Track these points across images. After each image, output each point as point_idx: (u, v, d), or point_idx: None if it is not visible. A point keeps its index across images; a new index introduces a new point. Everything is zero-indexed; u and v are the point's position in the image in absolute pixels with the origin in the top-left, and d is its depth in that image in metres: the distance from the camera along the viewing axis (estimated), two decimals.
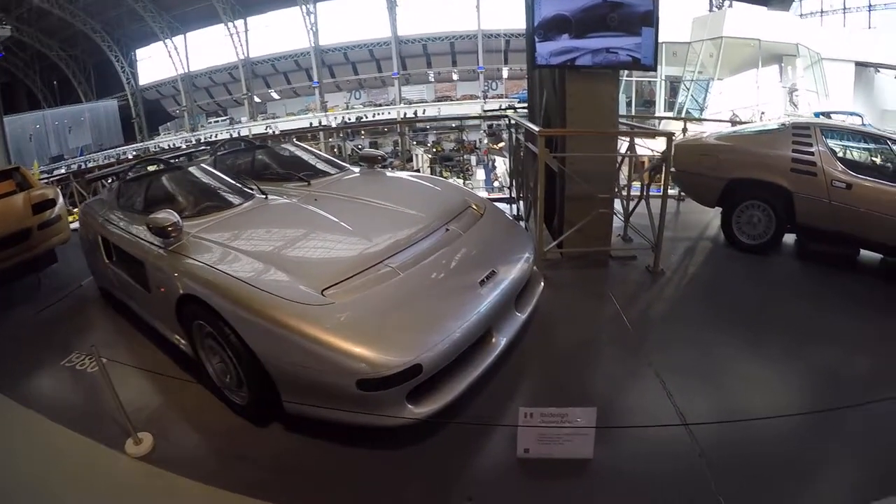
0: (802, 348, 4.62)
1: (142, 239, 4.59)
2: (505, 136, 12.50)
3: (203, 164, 5.80)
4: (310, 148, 6.81)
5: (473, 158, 34.74)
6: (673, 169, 6.97)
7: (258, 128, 41.19)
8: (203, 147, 8.45)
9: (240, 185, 5.24)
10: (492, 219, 4.97)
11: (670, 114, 29.14)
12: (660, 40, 5.81)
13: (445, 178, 30.86)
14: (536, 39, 5.77)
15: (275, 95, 47.05)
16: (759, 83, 27.82)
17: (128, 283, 4.97)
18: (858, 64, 27.02)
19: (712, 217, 7.94)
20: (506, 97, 40.87)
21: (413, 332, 3.44)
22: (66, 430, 3.93)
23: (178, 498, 3.33)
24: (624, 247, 6.91)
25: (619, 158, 6.80)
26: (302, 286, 3.57)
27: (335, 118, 40.82)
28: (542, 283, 4.77)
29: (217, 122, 47.40)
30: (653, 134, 7.69)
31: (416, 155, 34.58)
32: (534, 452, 3.38)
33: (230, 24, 42.45)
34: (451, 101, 42.23)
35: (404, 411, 3.31)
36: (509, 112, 11.79)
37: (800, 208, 6.34)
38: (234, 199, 4.97)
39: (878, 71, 27.16)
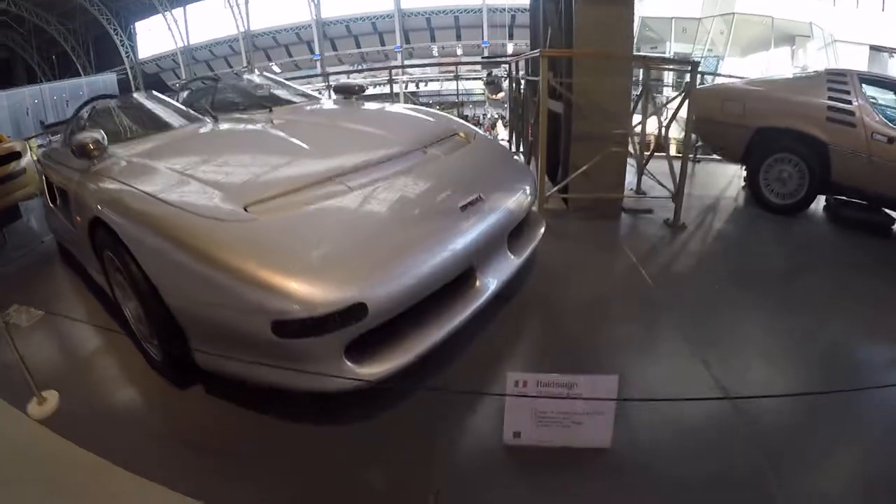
0: (846, 317, 3.84)
1: (69, 167, 3.94)
2: (505, 85, 11.62)
3: (152, 92, 5.08)
4: (282, 80, 6.04)
5: None
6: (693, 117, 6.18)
7: None
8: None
9: (187, 111, 4.50)
10: (483, 146, 4.17)
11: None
12: (669, 15, 5.05)
13: None
14: None
15: (276, 68, 46.03)
16: (769, 64, 26.89)
17: (63, 224, 4.36)
18: (873, 48, 26.14)
19: (732, 177, 7.19)
20: None
21: (359, 261, 2.53)
22: None
23: (70, 471, 2.63)
24: (638, 199, 6.09)
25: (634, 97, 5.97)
26: (219, 199, 2.74)
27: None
28: (544, 227, 3.98)
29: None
30: (671, 63, 6.80)
31: None
32: (527, 438, 2.48)
33: None
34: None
35: (342, 370, 2.44)
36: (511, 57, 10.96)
37: (836, 164, 5.58)
38: (177, 122, 4.26)
39: (893, 55, 26.28)
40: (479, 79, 32.35)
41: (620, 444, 2.47)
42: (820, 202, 6.14)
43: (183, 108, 4.60)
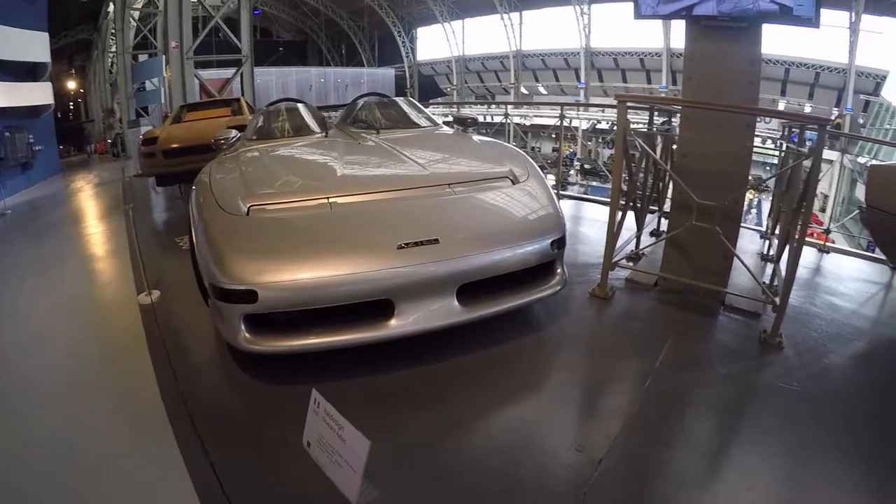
0: None
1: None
2: None
3: (309, 104, 6.82)
4: (419, 105, 6.93)
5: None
6: (864, 204, 4.86)
7: (517, 117, 41.41)
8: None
9: (323, 120, 6.19)
10: (519, 193, 4.12)
11: None
12: None
13: None
14: None
15: (542, 90, 46.99)
16: None
17: None
18: None
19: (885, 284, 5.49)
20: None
21: (274, 261, 3.31)
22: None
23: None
24: (751, 296, 4.47)
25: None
26: (239, 198, 3.78)
27: (588, 121, 39.75)
28: (545, 293, 3.84)
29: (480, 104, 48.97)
30: (802, 119, 5.31)
31: None
32: (314, 452, 2.59)
33: (506, 16, 43.20)
34: None
35: (238, 336, 3.29)
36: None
37: None
38: (310, 129, 5.90)
39: None
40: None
41: None
42: None
43: (321, 118, 6.28)
